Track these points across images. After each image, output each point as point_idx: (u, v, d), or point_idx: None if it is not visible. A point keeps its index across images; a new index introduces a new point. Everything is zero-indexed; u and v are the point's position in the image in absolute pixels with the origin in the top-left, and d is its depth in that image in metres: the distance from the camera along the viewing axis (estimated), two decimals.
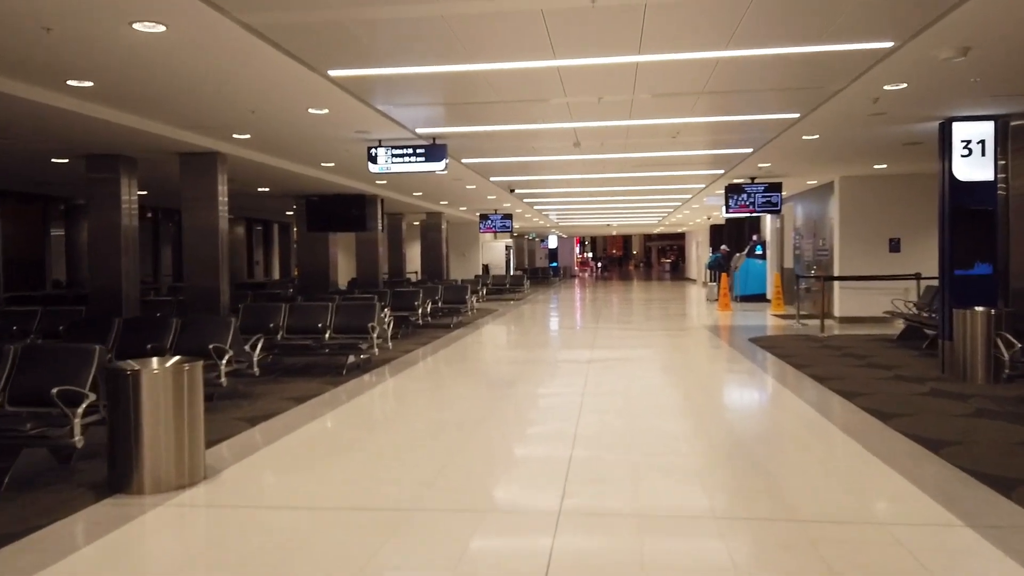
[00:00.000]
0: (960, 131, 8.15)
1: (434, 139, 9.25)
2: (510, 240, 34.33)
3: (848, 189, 14.48)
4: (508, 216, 23.03)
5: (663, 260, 66.10)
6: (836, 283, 14.41)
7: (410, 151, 9.19)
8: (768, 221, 20.77)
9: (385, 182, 14.37)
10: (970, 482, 4.55)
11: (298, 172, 11.74)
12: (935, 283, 13.74)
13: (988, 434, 5.65)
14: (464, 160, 11.63)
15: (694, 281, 35.72)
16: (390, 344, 9.57)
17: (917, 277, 13.80)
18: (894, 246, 14.35)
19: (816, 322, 14.54)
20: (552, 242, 46.65)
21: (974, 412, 6.35)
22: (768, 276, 20.84)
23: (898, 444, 5.47)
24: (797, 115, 8.15)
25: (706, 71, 6.29)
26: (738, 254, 22.91)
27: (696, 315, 17.56)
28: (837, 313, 14.63)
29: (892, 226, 14.35)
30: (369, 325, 9.00)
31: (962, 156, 8.14)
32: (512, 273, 30.65)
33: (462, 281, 21.53)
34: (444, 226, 23.77)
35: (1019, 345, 6.61)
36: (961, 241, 8.19)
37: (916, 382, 7.87)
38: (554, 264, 45.76)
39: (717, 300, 21.48)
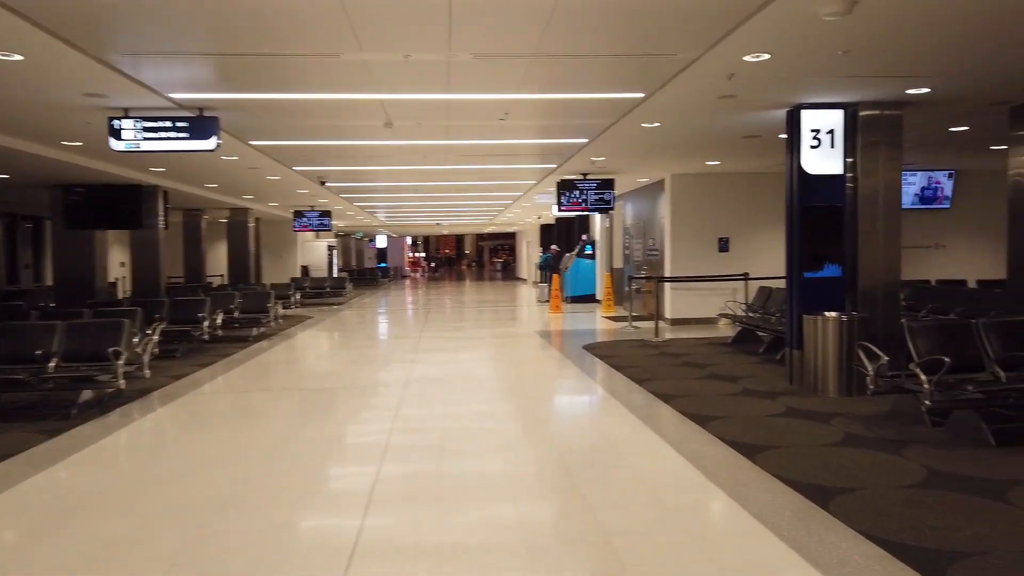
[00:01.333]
0: (809, 119, 7.45)
1: (200, 110, 7.25)
2: (333, 240, 31.91)
3: (679, 187, 13.98)
4: (326, 213, 20.87)
5: (495, 260, 65.85)
6: (667, 284, 13.85)
7: (168, 124, 7.14)
8: (598, 221, 20.26)
9: (164, 170, 11.93)
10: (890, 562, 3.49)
11: (34, 153, 9.16)
12: (766, 284, 13.56)
13: (875, 475, 4.72)
14: (254, 142, 9.62)
15: (525, 281, 35.20)
16: (147, 371, 7.43)
17: (745, 277, 13.54)
18: (723, 246, 14.04)
19: (648, 324, 13.91)
20: (381, 242, 44.49)
21: (843, 440, 5.49)
22: (598, 276, 20.34)
23: (782, 498, 4.39)
24: (641, 95, 7.06)
25: (538, 21, 4.92)
26: (568, 254, 22.31)
27: (527, 319, 16.51)
28: (668, 315, 14.10)
29: (721, 225, 14.03)
30: (111, 350, 6.83)
31: (811, 147, 7.45)
32: (335, 275, 28.34)
33: (271, 285, 19.15)
34: (252, 224, 21.17)
35: (885, 358, 5.85)
36: (810, 241, 7.49)
37: (767, 398, 7.05)
38: (383, 265, 43.64)
39: (548, 302, 20.70)
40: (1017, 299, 7.73)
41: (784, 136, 9.35)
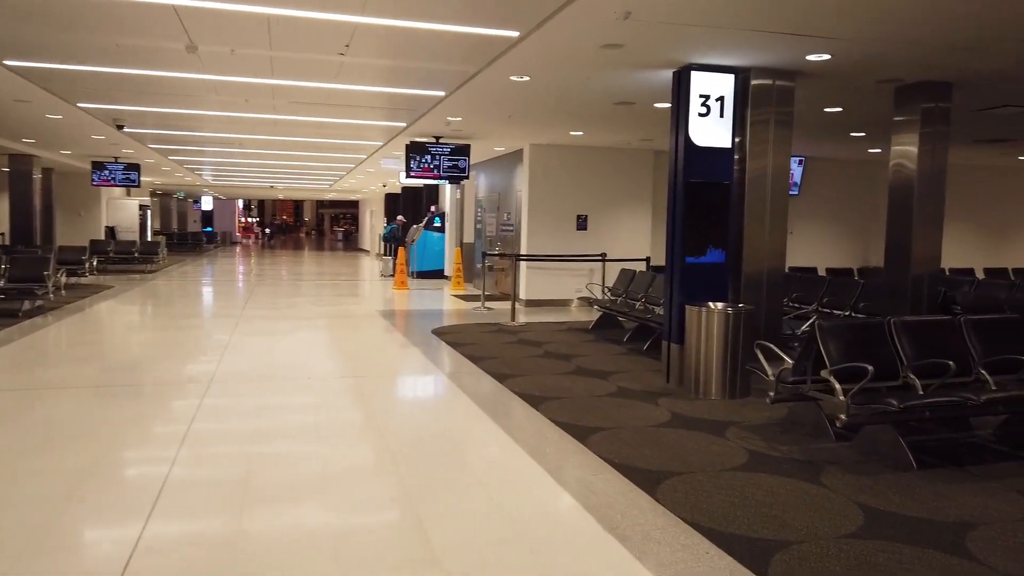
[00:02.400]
0: (699, 83, 6.52)
1: None
2: (147, 199, 28.25)
3: (539, 158, 12.96)
4: (134, 167, 17.97)
5: (336, 229, 62.72)
6: (523, 263, 12.84)
7: None
8: (448, 191, 18.94)
9: None
10: None
11: None
12: (627, 266, 12.91)
13: (806, 517, 3.82)
14: (10, 62, 7.37)
15: (368, 252, 33.25)
16: None
17: (603, 259, 12.82)
18: (581, 224, 13.22)
19: (501, 305, 12.86)
20: (207, 203, 40.49)
21: (749, 462, 4.60)
22: (447, 251, 19.07)
23: (707, 564, 3.35)
24: (515, 33, 5.79)
25: None
26: (415, 226, 20.85)
27: (369, 295, 14.93)
28: (523, 295, 13.12)
29: (580, 202, 13.20)
30: None
31: (699, 115, 6.54)
32: (148, 239, 25.01)
33: (60, 249, 16.15)
34: (39, 175, 17.84)
35: (789, 362, 5.04)
36: (694, 223, 6.61)
37: (647, 400, 6.13)
38: (209, 229, 39.77)
39: (392, 276, 19.18)
40: (891, 291, 7.33)
41: (661, 105, 8.50)
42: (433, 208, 21.19)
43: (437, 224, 19.57)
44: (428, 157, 12.12)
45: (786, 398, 5.08)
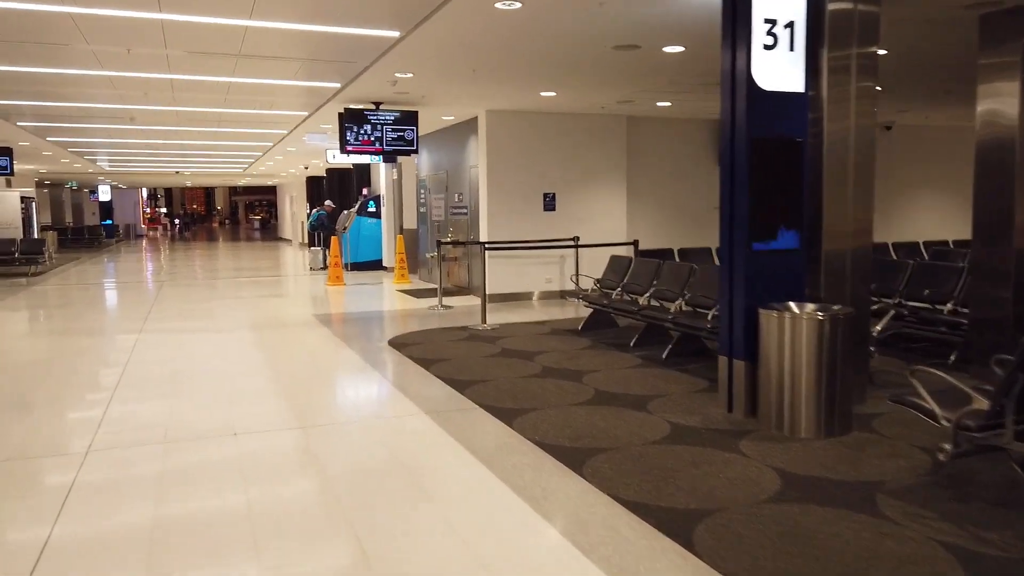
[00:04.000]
0: (764, 3, 4.76)
1: None
2: (31, 190, 24.80)
3: (497, 127, 11.04)
4: (5, 151, 15.08)
5: (252, 217, 58.97)
6: (481, 251, 10.97)
7: None
8: (382, 171, 16.78)
9: None
10: None
11: None
12: (603, 251, 11.20)
13: None
14: None
15: (290, 242, 30.56)
16: None
17: (576, 244, 11.06)
18: (549, 203, 11.41)
19: (460, 303, 10.95)
20: (104, 194, 36.67)
21: (968, 572, 2.91)
22: (385, 239, 16.96)
23: None
24: None
25: None
26: (346, 212, 18.60)
27: (300, 294, 12.74)
28: (488, 289, 11.23)
29: (546, 178, 11.37)
30: None
31: (765, 47, 4.79)
32: (31, 237, 21.77)
33: None
34: None
35: (984, 401, 3.36)
36: (761, 195, 4.87)
37: (725, 448, 4.38)
38: (108, 222, 36.06)
39: (324, 270, 16.96)
40: (986, 272, 5.82)
41: (672, 49, 6.75)
42: (366, 191, 18.97)
43: (372, 209, 17.41)
44: (368, 128, 10.02)
45: (968, 452, 3.42)
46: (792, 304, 4.80)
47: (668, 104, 10.53)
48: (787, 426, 4.63)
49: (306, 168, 23.83)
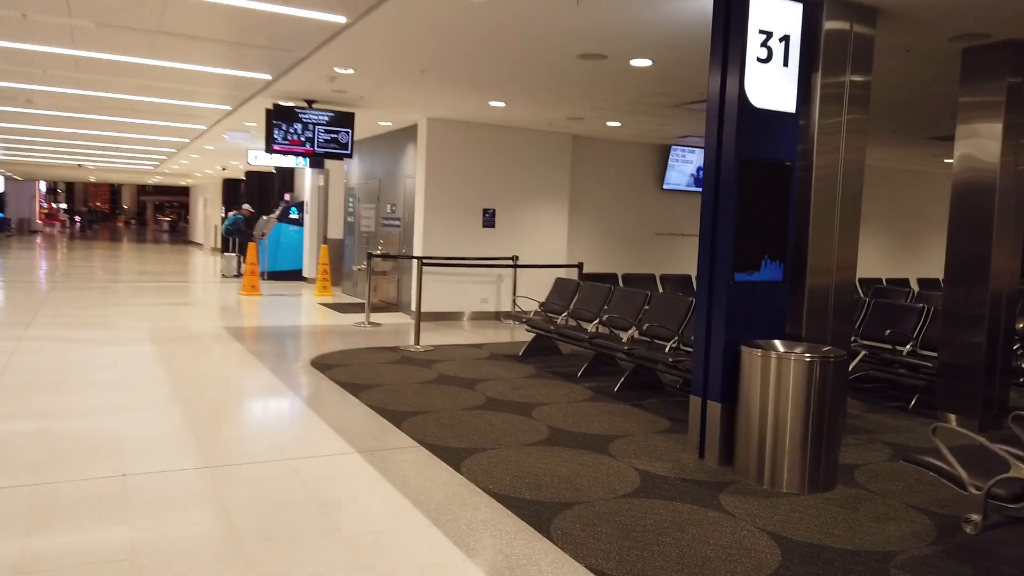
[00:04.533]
0: (760, 11, 4.36)
1: None
2: None
3: (438, 137, 10.41)
4: None
5: (161, 218, 55.98)
6: (417, 266, 10.31)
7: None
8: (308, 177, 15.85)
9: None
10: None
11: None
12: (543, 273, 10.75)
13: None
14: None
15: (201, 246, 28.85)
16: None
17: (516, 264, 10.51)
18: (488, 219, 10.84)
19: (388, 320, 10.20)
20: None
21: None
22: (307, 248, 15.99)
23: None
24: None
25: None
26: (265, 217, 17.52)
27: (210, 303, 11.67)
28: (415, 306, 10.53)
29: (487, 193, 10.81)
30: None
31: (759, 61, 4.37)
32: None
33: None
34: None
35: (1014, 462, 2.95)
36: (749, 221, 4.44)
37: (703, 503, 3.86)
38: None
39: (238, 277, 15.83)
40: (958, 315, 5.58)
41: (640, 63, 6.33)
42: (288, 197, 17.95)
43: (294, 215, 16.41)
44: (298, 127, 9.21)
45: (997, 524, 3.00)
46: (777, 343, 4.36)
47: (618, 125, 10.17)
48: (768, 478, 4.16)
49: (223, 169, 22.49)
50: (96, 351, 7.29)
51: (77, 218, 53.48)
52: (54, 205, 54.39)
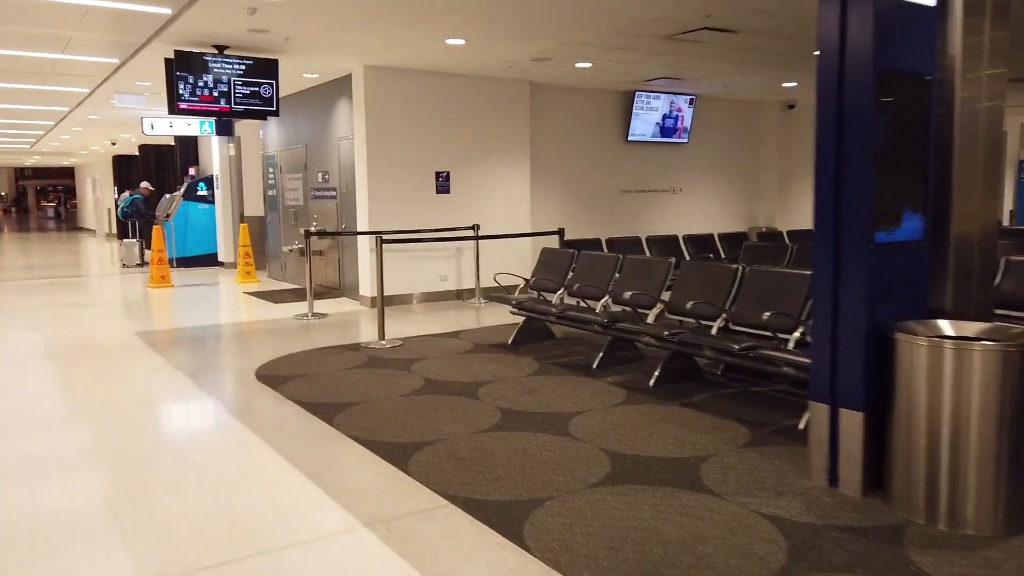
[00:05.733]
0: None
1: None
2: None
3: (378, 88, 8.81)
4: None
5: (45, 204, 51.13)
6: (377, 244, 8.83)
7: None
8: (215, 147, 13.83)
9: None
10: None
11: None
12: (506, 244, 9.49)
13: None
14: None
15: (93, 232, 25.96)
16: None
17: (476, 235, 9.13)
18: (443, 184, 9.36)
19: (333, 308, 8.66)
20: None
21: None
22: (221, 229, 14.04)
23: None
24: None
25: None
26: (168, 196, 15.36)
27: (114, 300, 9.78)
28: (368, 292, 9.03)
29: (438, 153, 9.30)
30: None
31: None
32: None
33: None
34: None
35: None
36: (887, 159, 3.22)
37: (895, 569, 2.70)
38: None
39: (142, 266, 13.78)
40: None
41: None
42: (192, 172, 15.80)
43: (202, 192, 14.37)
44: (208, 79, 7.44)
45: None
46: (942, 324, 3.20)
47: (588, 66, 8.83)
48: (944, 514, 3.02)
49: (113, 144, 19.86)
50: None
51: None
52: None
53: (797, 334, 4.46)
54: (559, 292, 6.55)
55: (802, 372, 4.27)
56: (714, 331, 4.91)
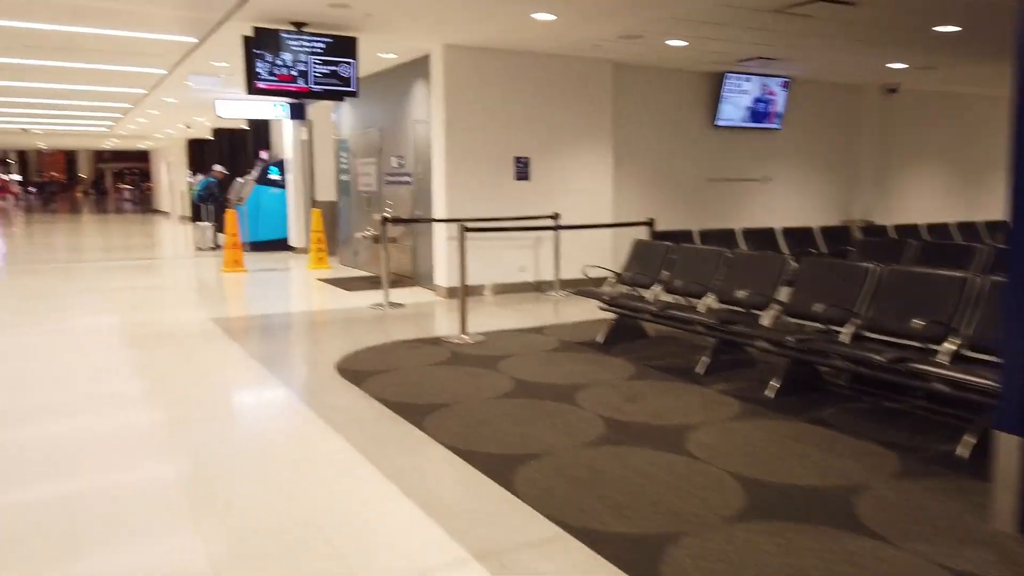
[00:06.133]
0: None
1: None
2: None
3: (458, 69, 8.42)
4: None
5: (122, 186, 52.83)
6: (460, 233, 8.50)
7: None
8: (287, 131, 13.70)
9: None
10: None
11: None
12: (585, 234, 9.02)
13: None
14: None
15: (167, 215, 26.49)
16: None
17: (556, 225, 8.68)
18: (522, 171, 8.93)
19: (411, 299, 8.34)
20: None
21: None
22: (292, 213, 13.93)
23: None
24: None
25: None
26: (241, 179, 15.36)
27: (189, 284, 9.71)
28: (440, 280, 8.71)
29: (518, 138, 8.87)
30: None
31: None
32: None
33: None
34: None
35: None
36: None
37: None
38: None
39: (215, 249, 13.82)
40: None
41: None
42: (265, 155, 15.76)
43: (273, 176, 14.29)
44: (287, 57, 7.16)
45: None
46: None
47: (682, 44, 8.25)
48: None
49: (187, 128, 20.11)
50: (39, 358, 5.36)
51: (31, 190, 50.28)
52: (4, 177, 50.98)
53: (949, 345, 3.88)
54: (652, 287, 6.06)
55: (960, 390, 3.71)
56: (846, 338, 4.35)
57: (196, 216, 16.31)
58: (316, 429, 4.08)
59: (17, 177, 53.58)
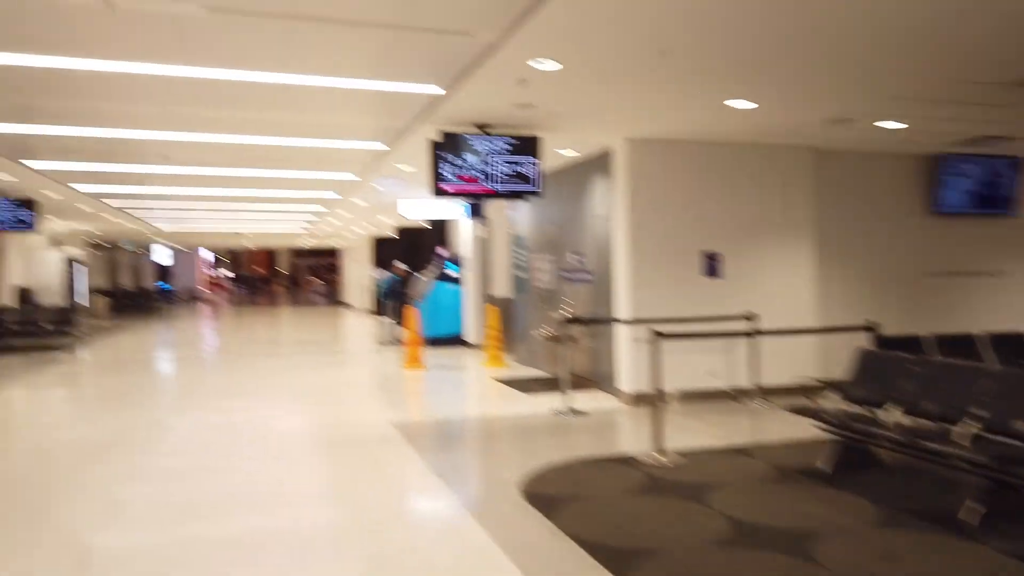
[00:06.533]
0: None
1: None
2: (78, 251, 22.87)
3: (642, 162, 8.03)
4: (26, 203, 12.82)
5: (314, 280, 57.38)
6: (652, 337, 7.90)
7: None
8: (466, 227, 13.93)
9: None
10: None
11: None
12: (786, 338, 8.08)
13: None
14: None
15: (352, 308, 28.04)
16: None
17: (752, 329, 7.81)
18: (711, 267, 8.24)
19: (593, 405, 7.74)
20: (161, 255, 35.08)
21: None
22: (469, 309, 13.99)
23: None
24: None
25: None
26: (423, 276, 15.79)
27: (369, 383, 9.77)
28: (623, 385, 8.08)
29: (708, 232, 8.24)
30: None
31: None
32: (69, 303, 19.61)
33: None
34: None
35: None
36: None
37: None
38: (164, 285, 34.33)
39: (398, 344, 14.07)
40: None
41: None
42: (442, 251, 16.16)
43: (452, 271, 14.51)
44: (471, 159, 7.11)
45: None
46: None
47: (900, 127, 7.36)
48: None
49: (372, 227, 21.32)
50: (234, 476, 5.31)
51: (237, 284, 55.86)
52: (217, 273, 57.07)
53: None
54: (885, 408, 5.08)
55: None
56: None
57: (379, 310, 16.91)
58: (500, 566, 3.54)
59: (229, 273, 59.93)
